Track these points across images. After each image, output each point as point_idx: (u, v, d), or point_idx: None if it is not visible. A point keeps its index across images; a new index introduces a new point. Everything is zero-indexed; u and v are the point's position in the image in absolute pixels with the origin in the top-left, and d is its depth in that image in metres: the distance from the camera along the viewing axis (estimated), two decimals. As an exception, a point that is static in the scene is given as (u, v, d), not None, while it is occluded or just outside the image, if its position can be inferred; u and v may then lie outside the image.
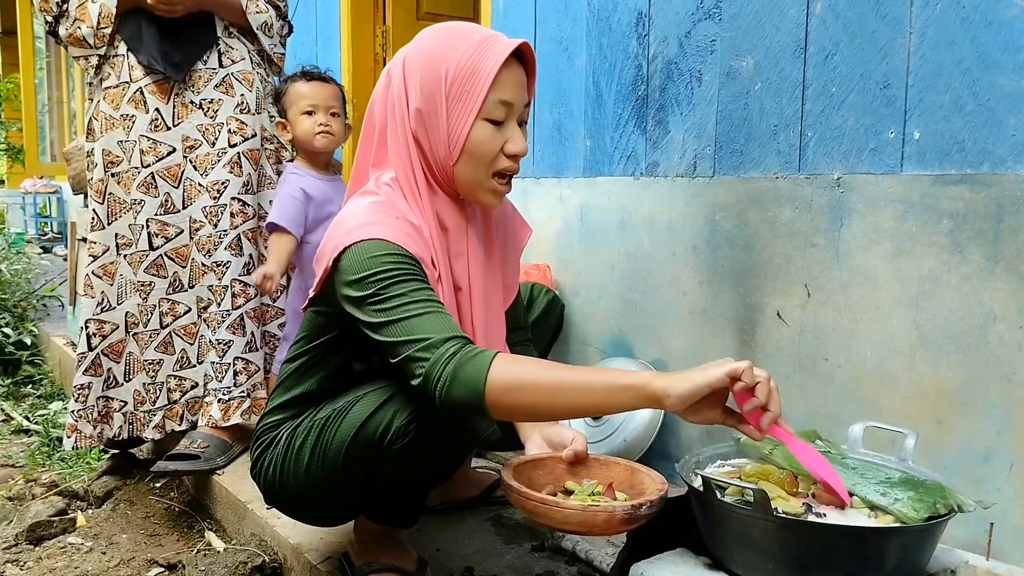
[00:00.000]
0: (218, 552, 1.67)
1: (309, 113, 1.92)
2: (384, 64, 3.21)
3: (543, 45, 2.14)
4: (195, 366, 2.00)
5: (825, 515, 0.98)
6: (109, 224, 1.95)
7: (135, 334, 1.97)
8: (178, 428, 1.99)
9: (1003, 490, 1.23)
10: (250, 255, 1.99)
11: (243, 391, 1.97)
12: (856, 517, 0.98)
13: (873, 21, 1.40)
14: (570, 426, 1.84)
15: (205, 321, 1.98)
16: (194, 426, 2.00)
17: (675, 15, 1.76)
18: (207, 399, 1.97)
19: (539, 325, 1.65)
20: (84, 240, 3.12)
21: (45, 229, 7.76)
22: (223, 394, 1.96)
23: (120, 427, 1.98)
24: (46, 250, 6.52)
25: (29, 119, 7.55)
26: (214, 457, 1.91)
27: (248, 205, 1.98)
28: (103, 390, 1.97)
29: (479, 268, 1.27)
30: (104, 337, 1.96)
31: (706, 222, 1.70)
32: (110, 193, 1.95)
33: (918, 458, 1.11)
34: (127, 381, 1.98)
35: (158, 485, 2.09)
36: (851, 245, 1.43)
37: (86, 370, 1.95)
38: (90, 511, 2.02)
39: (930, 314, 1.32)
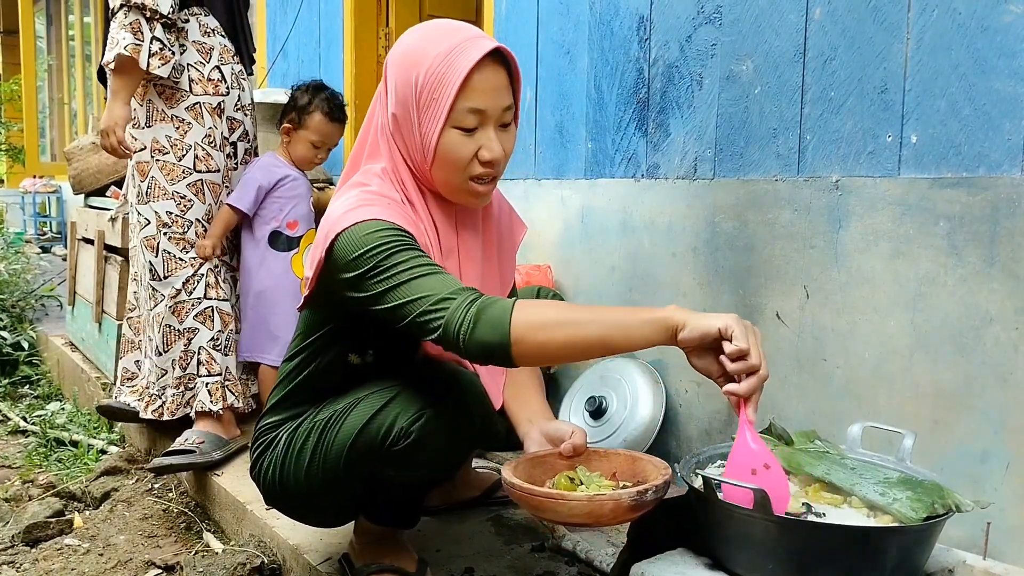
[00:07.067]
0: (216, 553, 1.66)
1: (315, 146, 2.14)
2: (384, 66, 3.20)
3: (545, 48, 2.15)
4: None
5: (824, 515, 0.99)
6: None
7: None
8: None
9: (999, 490, 1.24)
10: (150, 260, 2.01)
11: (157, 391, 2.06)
12: (855, 517, 0.99)
13: (871, 27, 1.41)
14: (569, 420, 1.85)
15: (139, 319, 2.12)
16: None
17: (676, 19, 1.77)
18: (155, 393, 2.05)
19: None
20: (84, 240, 3.12)
21: (44, 229, 7.73)
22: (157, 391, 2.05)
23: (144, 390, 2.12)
24: (45, 250, 6.49)
25: (30, 119, 7.55)
26: (209, 452, 1.92)
27: (141, 215, 2.02)
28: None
29: (472, 265, 1.26)
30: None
31: (706, 224, 1.71)
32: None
33: (916, 458, 1.12)
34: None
35: (156, 486, 2.09)
36: (849, 247, 1.44)
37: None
38: (87, 512, 2.02)
39: (927, 315, 1.33)
